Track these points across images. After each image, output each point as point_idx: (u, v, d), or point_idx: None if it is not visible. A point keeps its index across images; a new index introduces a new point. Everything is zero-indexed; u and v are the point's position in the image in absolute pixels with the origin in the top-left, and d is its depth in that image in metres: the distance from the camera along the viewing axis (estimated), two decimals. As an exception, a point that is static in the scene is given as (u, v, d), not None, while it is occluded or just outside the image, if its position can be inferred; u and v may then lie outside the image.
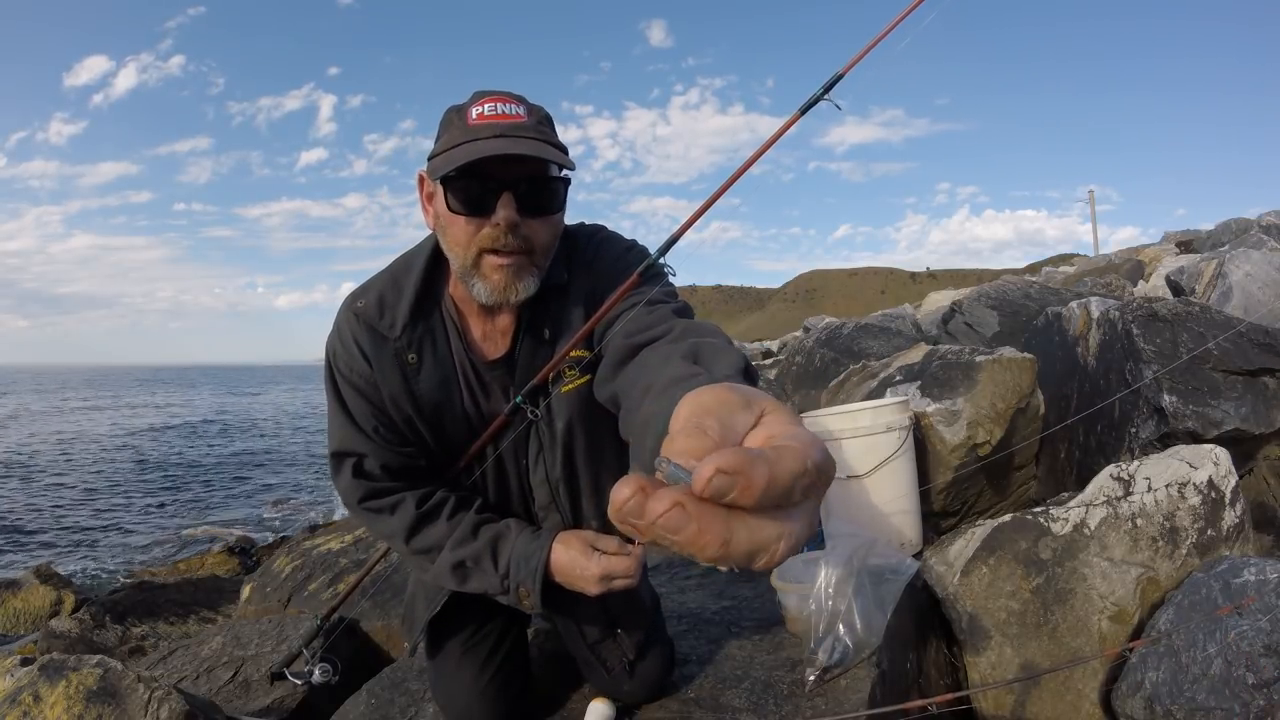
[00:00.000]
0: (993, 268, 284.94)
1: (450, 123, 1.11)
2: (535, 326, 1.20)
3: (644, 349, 0.96)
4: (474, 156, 1.03)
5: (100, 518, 8.91)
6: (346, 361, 1.19)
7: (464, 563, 1.20)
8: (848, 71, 1.19)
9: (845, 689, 1.34)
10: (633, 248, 1.26)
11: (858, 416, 2.21)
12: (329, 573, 2.88)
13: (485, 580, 1.19)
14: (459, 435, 1.24)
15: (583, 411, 1.22)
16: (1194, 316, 2.66)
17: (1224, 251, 4.84)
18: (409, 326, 1.17)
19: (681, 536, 0.34)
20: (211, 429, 20.87)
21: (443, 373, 1.20)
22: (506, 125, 1.07)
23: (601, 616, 1.36)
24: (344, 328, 1.20)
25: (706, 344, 0.83)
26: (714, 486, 0.34)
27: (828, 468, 0.39)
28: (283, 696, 1.97)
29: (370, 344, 1.18)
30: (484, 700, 1.37)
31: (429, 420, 1.21)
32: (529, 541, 1.18)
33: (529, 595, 1.17)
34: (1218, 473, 1.86)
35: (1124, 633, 1.74)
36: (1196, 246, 8.66)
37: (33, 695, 1.52)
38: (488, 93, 1.11)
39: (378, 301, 1.18)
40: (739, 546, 0.35)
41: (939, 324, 5.63)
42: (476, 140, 1.05)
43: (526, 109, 1.10)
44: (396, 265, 1.23)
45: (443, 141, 1.10)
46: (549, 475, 1.25)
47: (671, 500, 0.34)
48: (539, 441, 1.24)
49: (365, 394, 1.19)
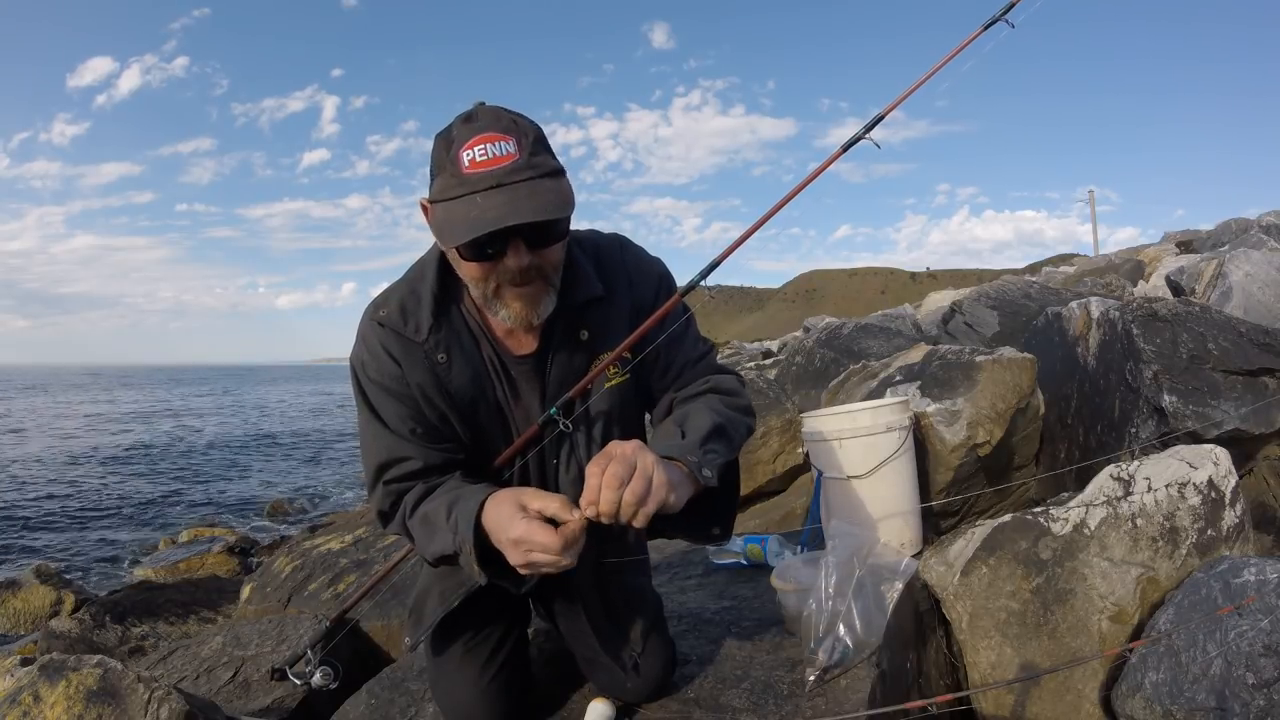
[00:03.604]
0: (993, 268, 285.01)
1: (443, 165, 1.07)
2: (571, 330, 1.23)
3: (679, 404, 1.28)
4: (478, 232, 1.02)
5: (100, 517, 8.91)
6: (376, 368, 1.20)
7: (428, 516, 1.16)
8: (888, 113, 1.21)
9: (845, 689, 1.34)
10: (658, 260, 1.35)
11: (858, 416, 2.21)
12: (329, 573, 2.88)
13: (442, 538, 1.12)
14: (494, 428, 1.26)
15: (620, 409, 1.29)
16: (1194, 316, 2.66)
17: (1224, 252, 4.84)
18: (434, 329, 1.19)
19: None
20: (212, 429, 20.88)
21: (473, 368, 1.22)
22: (502, 171, 1.03)
23: (603, 611, 1.37)
24: (369, 337, 1.21)
25: (694, 410, 1.22)
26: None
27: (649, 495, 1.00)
28: (283, 696, 1.97)
29: (399, 349, 1.19)
30: (485, 700, 1.37)
31: (464, 415, 1.22)
32: (476, 494, 1.10)
33: (467, 554, 1.06)
34: (1218, 473, 1.86)
35: (1124, 633, 1.74)
36: (1196, 247, 8.66)
37: (33, 695, 1.52)
38: (476, 126, 1.06)
39: (400, 309, 1.20)
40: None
41: (939, 324, 5.63)
42: (474, 195, 1.03)
43: (516, 142, 1.05)
44: (411, 274, 1.25)
45: (439, 187, 1.07)
46: (582, 474, 1.26)
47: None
48: (570, 442, 1.26)
49: (398, 395, 1.20)
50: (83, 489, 10.83)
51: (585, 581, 1.35)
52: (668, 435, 1.16)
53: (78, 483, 11.40)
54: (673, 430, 1.17)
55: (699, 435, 1.14)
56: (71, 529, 8.30)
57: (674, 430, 1.16)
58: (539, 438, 1.25)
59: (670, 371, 1.31)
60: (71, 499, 10.03)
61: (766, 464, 3.47)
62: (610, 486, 0.96)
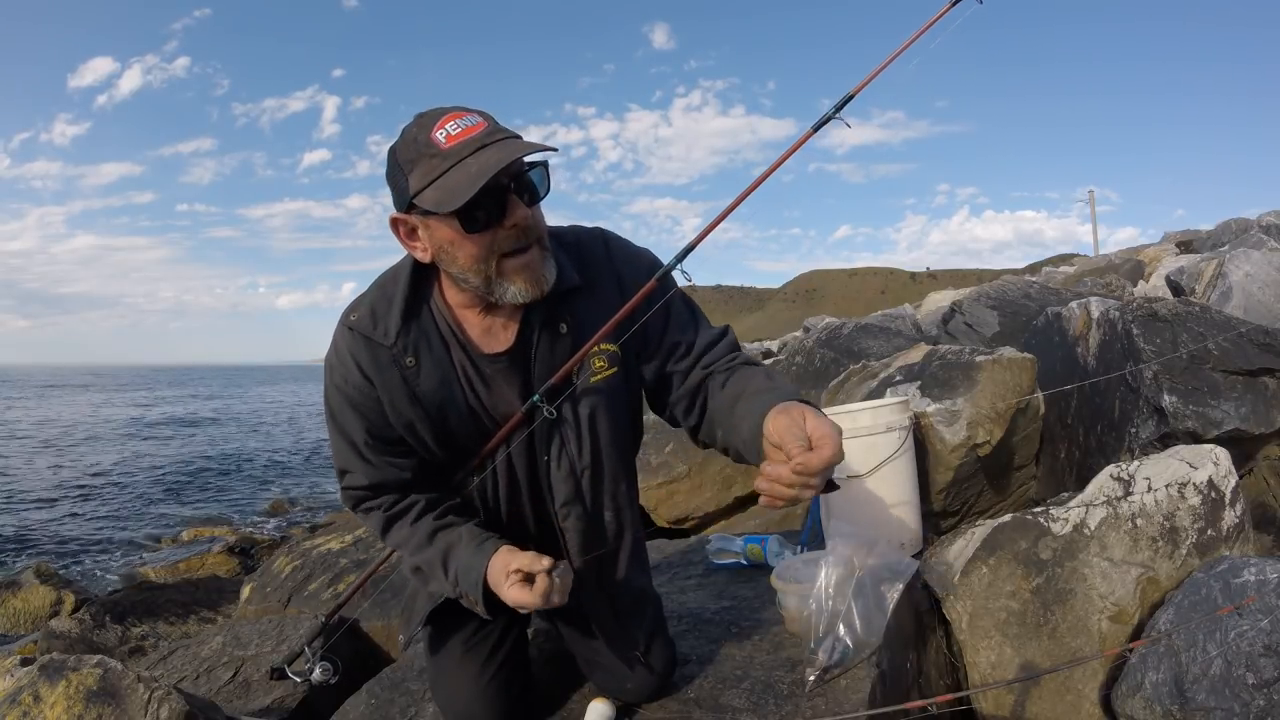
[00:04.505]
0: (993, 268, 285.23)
1: (419, 155, 1.07)
2: (551, 321, 1.22)
3: (723, 373, 1.26)
4: (488, 173, 1.02)
5: (100, 517, 8.91)
6: (342, 374, 1.21)
7: (420, 568, 1.29)
8: (858, 92, 1.20)
9: (845, 689, 1.34)
10: (645, 250, 1.33)
11: (858, 416, 2.20)
12: (329, 573, 2.88)
13: (441, 585, 1.26)
14: (465, 432, 1.25)
15: (609, 402, 1.26)
16: (1194, 316, 2.66)
17: (1224, 252, 4.84)
18: (402, 332, 1.19)
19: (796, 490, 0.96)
20: (212, 429, 20.88)
21: (441, 371, 1.21)
22: (480, 135, 1.06)
23: (610, 613, 1.37)
24: (339, 342, 1.22)
25: (768, 369, 1.25)
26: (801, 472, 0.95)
27: (840, 449, 0.98)
28: (283, 696, 1.97)
29: (367, 354, 1.19)
30: (484, 700, 1.37)
31: (434, 420, 1.22)
32: (472, 554, 1.20)
33: (475, 604, 1.21)
34: (1218, 473, 1.86)
35: (1124, 633, 1.74)
36: (1196, 247, 8.66)
37: (33, 695, 1.52)
38: (439, 114, 1.09)
39: (370, 313, 1.20)
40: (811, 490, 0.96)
41: (939, 324, 5.63)
42: (464, 161, 1.04)
43: (479, 115, 1.10)
44: (384, 278, 1.25)
45: (422, 175, 1.07)
46: (574, 468, 1.26)
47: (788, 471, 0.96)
48: (560, 437, 1.25)
49: (357, 405, 1.21)
50: (83, 489, 10.83)
51: (590, 585, 1.35)
52: (764, 390, 1.13)
53: (78, 482, 11.40)
54: (771, 384, 1.15)
55: (788, 391, 1.13)
56: (71, 529, 8.30)
57: (774, 383, 1.16)
58: (523, 427, 1.24)
59: (693, 352, 1.28)
60: (72, 499, 10.03)
61: (766, 464, 3.46)
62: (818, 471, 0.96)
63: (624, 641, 1.37)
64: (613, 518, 1.32)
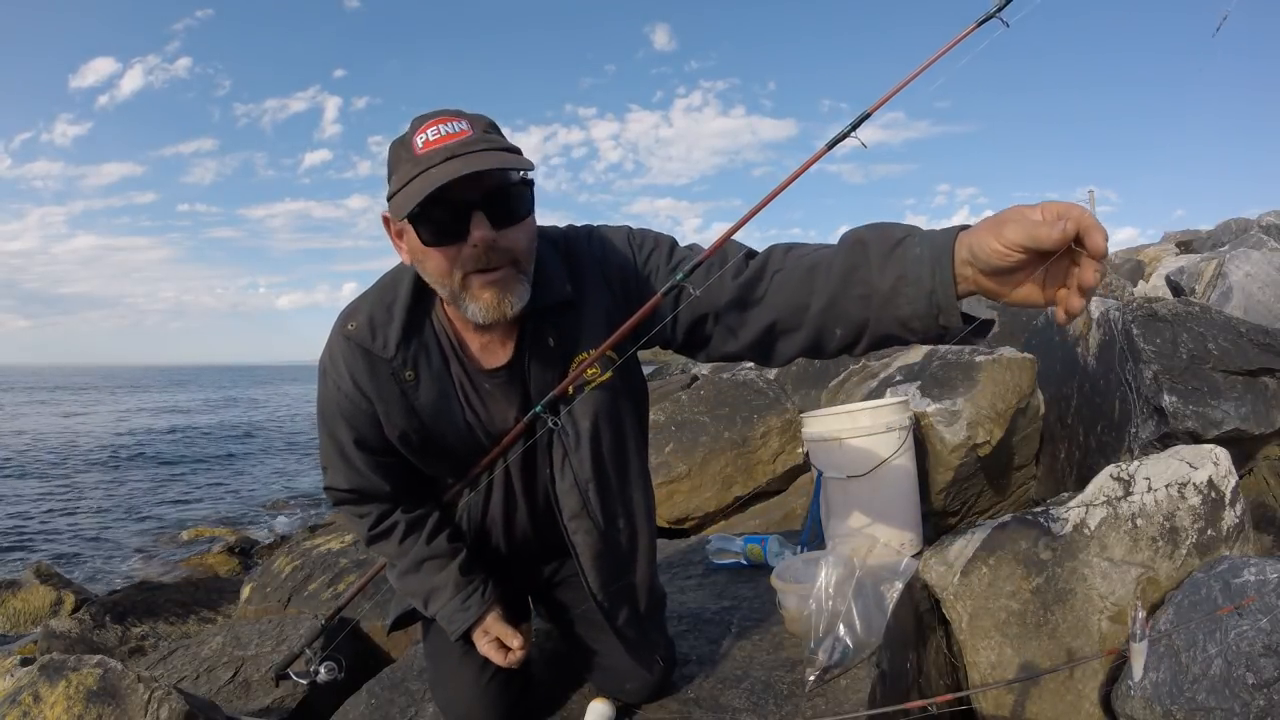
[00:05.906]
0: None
1: (400, 159, 1.07)
2: (540, 336, 1.20)
3: (775, 274, 1.08)
4: (432, 187, 0.99)
5: (100, 517, 8.91)
6: (335, 382, 1.20)
7: (404, 589, 1.35)
8: (875, 111, 1.18)
9: (845, 689, 1.34)
10: (631, 232, 1.26)
11: (858, 416, 2.20)
12: (329, 573, 2.88)
13: (422, 611, 1.36)
14: (463, 447, 1.24)
15: (608, 409, 1.24)
16: (1194, 316, 2.66)
17: (1224, 252, 4.84)
18: (402, 345, 1.17)
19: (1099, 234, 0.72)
20: (212, 429, 20.87)
21: (440, 386, 1.20)
22: (455, 144, 1.03)
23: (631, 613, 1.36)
24: (335, 349, 1.20)
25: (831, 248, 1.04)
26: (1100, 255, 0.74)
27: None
28: (283, 696, 1.97)
29: (364, 366, 1.18)
30: (484, 700, 1.37)
31: (432, 434, 1.21)
32: (458, 609, 1.30)
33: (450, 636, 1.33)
34: (1218, 473, 1.86)
35: (1124, 633, 1.74)
36: (1196, 246, 8.66)
37: (33, 695, 1.52)
38: (427, 117, 1.07)
39: (369, 323, 1.18)
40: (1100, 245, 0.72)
41: (939, 324, 5.62)
42: (429, 169, 1.02)
43: (469, 122, 1.06)
44: (384, 284, 1.23)
45: (397, 179, 1.06)
46: (578, 479, 1.24)
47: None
48: (563, 447, 1.23)
49: (347, 415, 1.20)
50: (83, 489, 10.83)
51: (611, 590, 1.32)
52: (879, 241, 0.94)
53: (78, 483, 11.40)
54: (883, 233, 0.95)
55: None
56: (71, 529, 8.30)
57: (887, 233, 0.94)
58: (524, 439, 1.23)
59: (726, 278, 1.12)
60: (71, 499, 10.03)
61: (766, 464, 3.47)
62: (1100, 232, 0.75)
63: (644, 645, 1.37)
64: (625, 524, 1.30)
